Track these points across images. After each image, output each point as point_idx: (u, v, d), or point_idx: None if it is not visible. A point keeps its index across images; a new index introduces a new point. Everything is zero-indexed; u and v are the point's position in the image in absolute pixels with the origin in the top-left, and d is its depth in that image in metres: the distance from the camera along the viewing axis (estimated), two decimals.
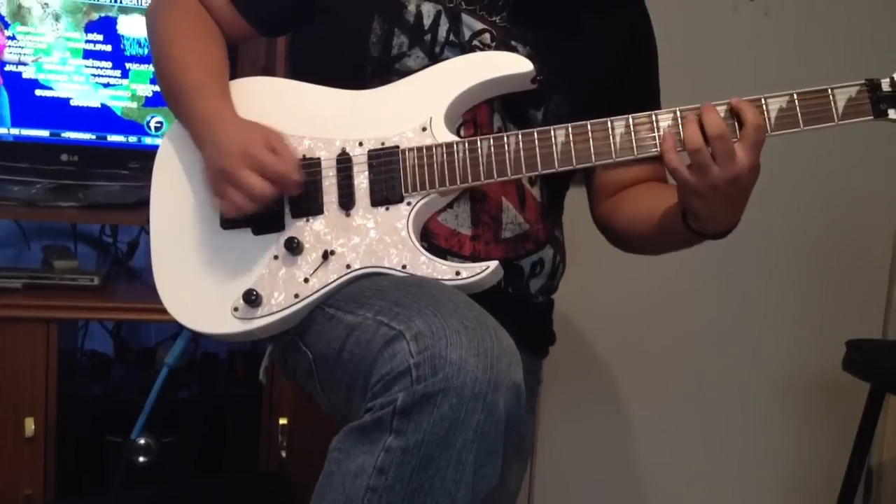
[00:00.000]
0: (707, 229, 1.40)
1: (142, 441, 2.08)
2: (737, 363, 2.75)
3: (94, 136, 2.27)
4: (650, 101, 1.55)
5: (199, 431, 2.20)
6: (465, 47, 1.46)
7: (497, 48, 1.46)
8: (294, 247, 1.37)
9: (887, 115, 1.32)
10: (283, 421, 2.16)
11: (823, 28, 2.65)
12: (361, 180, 1.39)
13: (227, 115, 1.41)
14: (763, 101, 1.33)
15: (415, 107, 1.40)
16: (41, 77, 2.23)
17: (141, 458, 2.09)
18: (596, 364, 2.69)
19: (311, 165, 1.41)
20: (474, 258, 1.41)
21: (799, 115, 1.32)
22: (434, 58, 1.45)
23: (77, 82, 2.25)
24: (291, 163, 1.35)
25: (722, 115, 1.31)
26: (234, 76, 2.24)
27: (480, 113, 1.45)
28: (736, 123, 1.31)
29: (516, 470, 1.57)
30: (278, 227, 1.40)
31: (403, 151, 1.38)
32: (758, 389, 2.78)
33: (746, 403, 2.78)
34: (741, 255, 2.69)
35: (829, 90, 1.32)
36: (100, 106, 2.26)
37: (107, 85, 2.26)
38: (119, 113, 2.27)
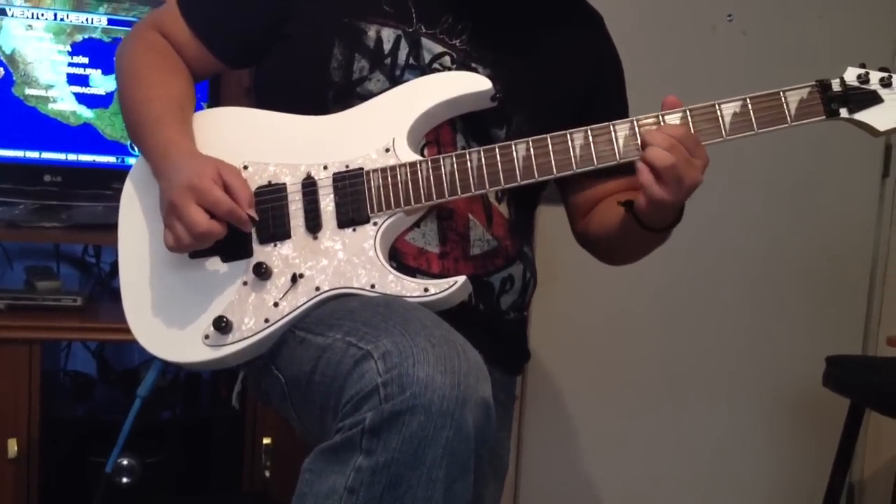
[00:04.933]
0: (655, 224, 1.43)
1: (125, 462, 2.08)
2: (718, 379, 2.76)
3: (77, 157, 2.27)
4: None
5: (183, 452, 2.19)
6: (425, 70, 1.47)
7: (457, 70, 1.48)
8: (263, 272, 1.38)
9: (839, 114, 1.35)
10: (266, 441, 2.15)
11: (800, 47, 2.67)
12: (327, 203, 1.40)
13: (182, 147, 1.41)
14: (717, 106, 1.35)
15: (377, 129, 1.41)
16: (24, 97, 2.24)
17: (125, 479, 2.08)
18: (577, 381, 2.69)
19: (277, 191, 1.42)
20: (443, 276, 1.41)
21: (752, 118, 1.35)
22: (395, 81, 1.46)
23: (61, 102, 2.26)
24: (244, 199, 1.34)
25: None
26: (219, 97, 2.27)
27: (443, 133, 1.47)
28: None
29: (493, 487, 1.57)
30: (246, 253, 1.40)
31: (367, 173, 1.39)
32: (739, 405, 2.79)
33: (728, 419, 2.79)
34: (722, 272, 2.71)
35: (781, 93, 1.35)
36: (83, 126, 2.27)
37: (91, 105, 2.27)
38: (102, 133, 2.28)
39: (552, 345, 2.60)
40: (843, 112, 1.35)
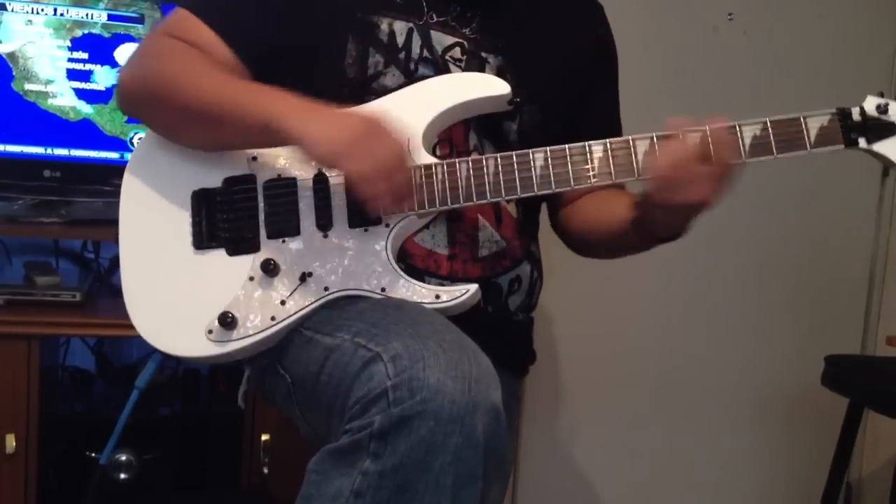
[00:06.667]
0: (658, 234, 1.43)
1: (123, 457, 2.08)
2: (717, 378, 2.76)
3: (76, 152, 2.26)
4: (611, 112, 1.60)
5: (181, 448, 2.19)
6: (438, 62, 1.46)
7: (468, 61, 1.47)
8: (270, 268, 1.36)
9: (857, 144, 1.33)
10: (265, 437, 2.15)
11: (801, 47, 2.68)
12: (339, 201, 1.38)
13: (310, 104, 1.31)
14: (738, 127, 1.33)
15: None
16: (24, 92, 2.23)
17: (122, 475, 2.08)
18: (576, 381, 2.70)
19: (287, 185, 1.40)
20: (452, 278, 1.41)
21: (773, 142, 1.33)
22: (409, 75, 1.45)
23: (61, 97, 2.25)
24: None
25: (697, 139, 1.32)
26: None
27: (455, 131, 1.45)
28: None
29: (497, 490, 1.56)
30: (254, 248, 1.38)
31: None
32: (737, 405, 2.79)
33: (726, 419, 2.79)
34: (721, 271, 2.71)
35: (802, 118, 1.33)
36: (83, 122, 2.26)
37: (90, 101, 2.26)
38: (102, 129, 2.27)
39: (551, 344, 2.61)
40: (862, 142, 1.34)
